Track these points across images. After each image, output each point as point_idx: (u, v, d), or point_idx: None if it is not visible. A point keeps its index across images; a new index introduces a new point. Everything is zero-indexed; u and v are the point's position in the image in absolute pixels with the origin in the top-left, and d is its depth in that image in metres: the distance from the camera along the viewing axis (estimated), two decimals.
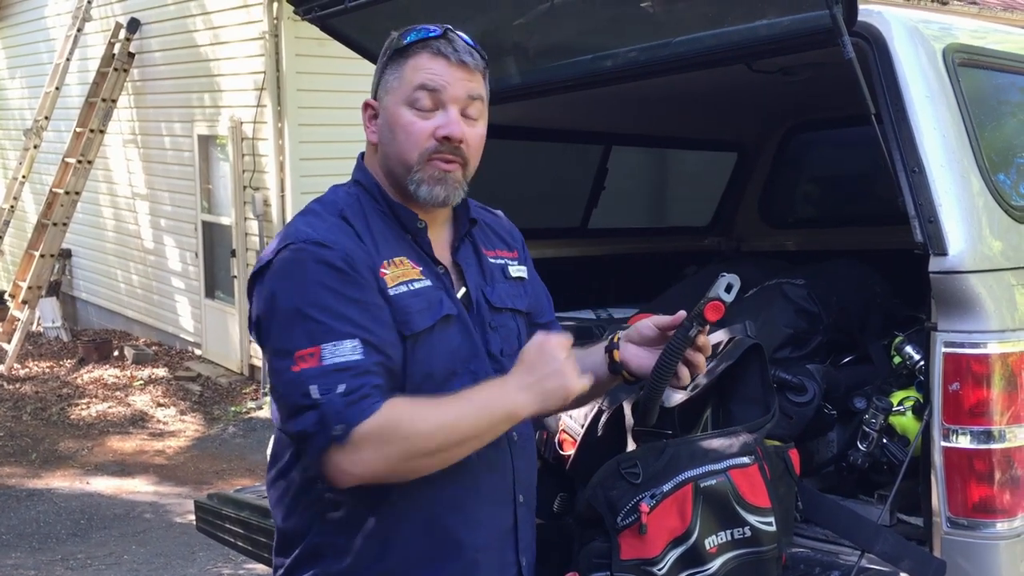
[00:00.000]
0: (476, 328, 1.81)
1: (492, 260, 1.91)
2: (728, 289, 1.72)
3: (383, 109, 1.78)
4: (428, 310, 1.73)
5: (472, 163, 1.79)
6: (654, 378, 1.82)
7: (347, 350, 1.61)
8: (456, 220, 1.89)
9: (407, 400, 1.64)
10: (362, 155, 1.88)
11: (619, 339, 1.90)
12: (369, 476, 1.62)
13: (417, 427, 1.61)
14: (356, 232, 1.73)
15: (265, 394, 8.27)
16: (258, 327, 1.71)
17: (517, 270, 1.95)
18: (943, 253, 2.06)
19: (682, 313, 1.79)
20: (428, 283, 1.76)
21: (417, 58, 1.74)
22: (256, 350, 8.67)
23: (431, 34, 1.74)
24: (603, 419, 2.30)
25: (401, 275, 1.72)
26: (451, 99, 1.74)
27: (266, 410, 7.97)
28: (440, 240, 1.85)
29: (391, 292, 1.70)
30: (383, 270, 1.71)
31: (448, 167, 1.75)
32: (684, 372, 1.81)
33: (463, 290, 1.82)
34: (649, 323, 1.86)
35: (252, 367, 8.90)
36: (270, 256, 1.72)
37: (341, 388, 1.58)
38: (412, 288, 1.73)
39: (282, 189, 8.36)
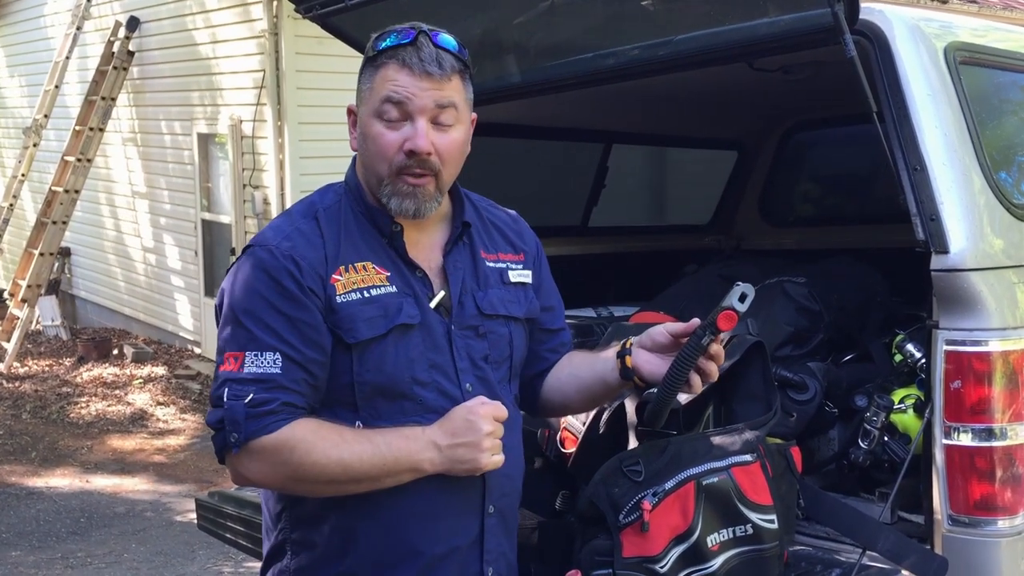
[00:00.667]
0: (456, 334, 1.79)
1: (490, 264, 1.89)
2: (742, 299, 1.72)
3: (359, 118, 1.79)
4: (382, 318, 1.72)
5: (446, 171, 1.77)
6: (665, 385, 1.80)
7: (267, 362, 1.66)
8: (453, 221, 1.88)
9: (314, 426, 1.68)
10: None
11: (631, 345, 1.87)
12: (259, 484, 1.73)
13: (313, 457, 1.65)
14: (322, 235, 1.75)
15: None
16: (216, 318, 1.79)
17: (519, 275, 1.92)
18: (945, 251, 2.06)
19: (696, 321, 1.77)
20: (392, 289, 1.75)
21: (385, 68, 1.73)
22: None
23: (402, 41, 1.72)
24: (605, 417, 2.30)
25: (358, 281, 1.73)
26: (417, 111, 1.71)
27: None
28: (429, 242, 1.84)
29: (339, 300, 1.71)
30: (336, 276, 1.72)
31: (418, 181, 1.74)
32: (696, 380, 1.79)
33: (441, 294, 1.80)
34: (662, 330, 1.84)
35: None
36: (240, 254, 1.78)
37: (248, 398, 1.64)
38: (367, 295, 1.73)
39: (282, 188, 8.36)
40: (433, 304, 1.79)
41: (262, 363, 1.66)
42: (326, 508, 1.73)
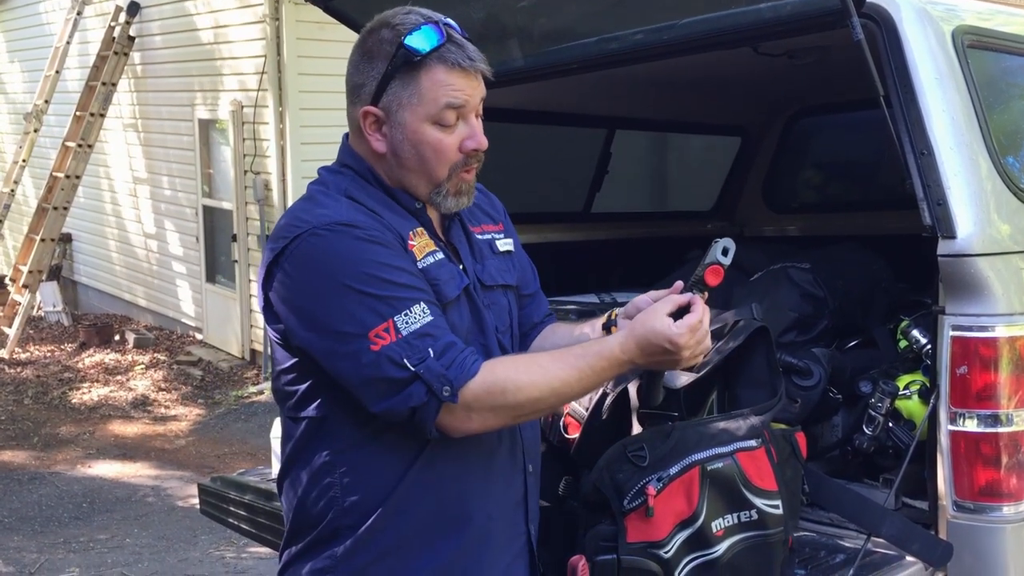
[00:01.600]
0: (480, 304, 1.81)
1: (479, 236, 1.90)
2: (725, 252, 1.71)
3: (398, 124, 1.71)
4: (452, 280, 1.74)
5: None
6: None
7: (418, 315, 1.62)
8: None
9: (508, 361, 1.71)
10: (346, 136, 1.83)
11: (616, 316, 1.88)
12: (483, 429, 1.68)
13: (526, 391, 1.64)
14: (369, 209, 1.72)
15: (266, 378, 8.28)
16: (303, 317, 1.65)
17: (504, 243, 1.94)
18: (952, 236, 2.05)
19: (679, 283, 1.77)
20: (443, 256, 1.76)
21: (432, 71, 1.67)
22: (257, 335, 8.67)
23: (439, 41, 1.67)
24: (608, 402, 2.29)
25: (425, 245, 1.73)
26: (472, 109, 1.72)
27: (267, 394, 7.98)
28: (433, 220, 1.84)
29: (420, 263, 1.71)
30: (410, 241, 1.71)
31: (471, 176, 1.77)
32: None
33: (461, 267, 1.81)
34: (646, 297, 1.82)
35: (253, 351, 8.90)
36: (285, 243, 1.66)
37: (431, 352, 1.60)
38: (436, 259, 1.73)
39: (283, 173, 8.34)
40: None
41: (414, 319, 1.60)
42: (384, 488, 1.70)
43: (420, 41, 1.67)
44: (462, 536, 1.74)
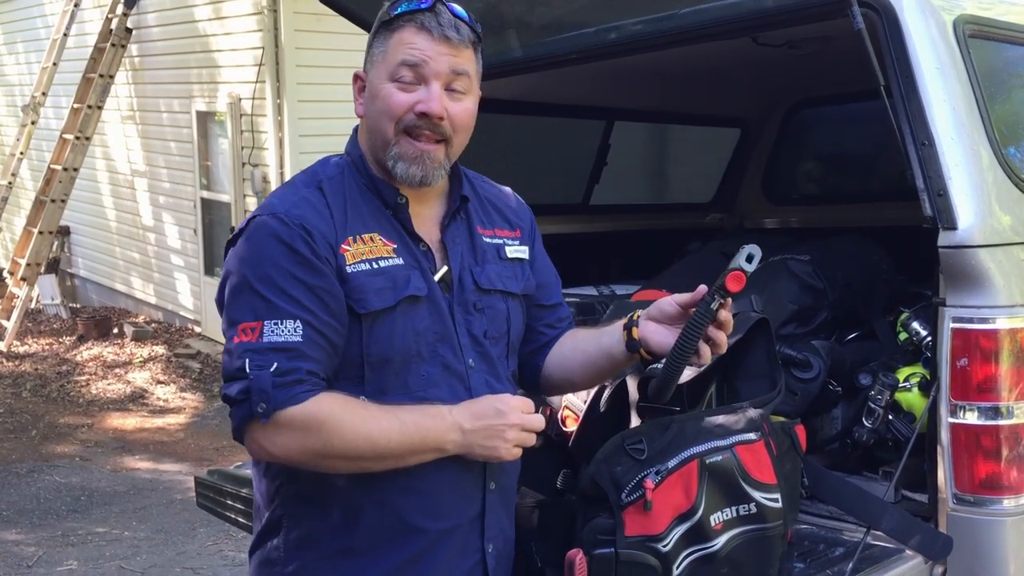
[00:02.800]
0: (456, 310, 1.78)
1: (487, 239, 1.87)
2: (749, 259, 1.69)
3: (369, 82, 1.77)
4: (391, 289, 1.70)
5: (456, 140, 1.76)
6: (674, 356, 1.78)
7: (287, 330, 1.62)
8: (450, 196, 1.86)
9: (340, 400, 1.64)
10: (357, 127, 1.86)
11: (638, 317, 1.86)
12: (282, 459, 1.66)
13: (342, 433, 1.62)
14: (328, 204, 1.72)
15: None
16: (220, 292, 1.74)
17: (516, 250, 1.91)
18: (952, 227, 2.04)
19: (703, 288, 1.75)
20: (399, 261, 1.73)
21: (402, 32, 1.71)
22: None
23: (420, 6, 1.71)
24: (606, 395, 2.28)
25: (366, 252, 1.70)
26: (432, 74, 1.71)
27: None
28: (428, 216, 1.82)
29: (349, 270, 1.68)
30: (345, 247, 1.69)
31: (425, 147, 1.73)
32: (705, 350, 1.76)
33: (444, 269, 1.79)
34: (671, 300, 1.82)
35: None
36: (243, 225, 1.73)
37: (273, 367, 1.60)
38: (376, 267, 1.70)
39: (281, 165, 8.32)
40: (437, 278, 1.77)
41: (282, 331, 1.62)
42: (326, 484, 1.71)
43: (402, 6, 1.73)
44: (408, 548, 1.72)
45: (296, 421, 1.61)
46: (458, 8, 1.75)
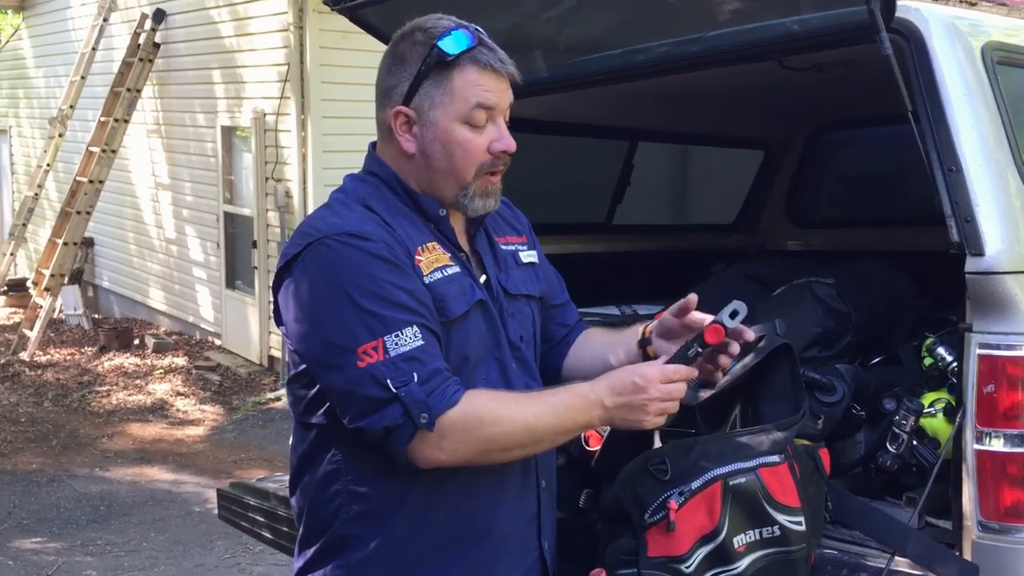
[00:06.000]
0: (498, 315, 1.82)
1: (504, 247, 1.92)
2: (733, 315, 1.74)
3: (429, 123, 1.74)
4: (463, 295, 1.74)
5: None
6: None
7: (409, 339, 1.61)
8: None
9: (488, 393, 1.68)
10: (373, 145, 1.85)
11: (651, 333, 1.91)
12: (450, 462, 1.66)
13: (502, 423, 1.64)
14: (383, 220, 1.72)
15: (283, 385, 8.29)
16: (300, 323, 1.67)
17: (527, 255, 1.96)
18: (980, 253, 2.03)
19: (693, 297, 1.82)
20: (458, 269, 1.77)
21: (465, 71, 1.71)
22: (276, 341, 8.69)
23: (471, 43, 1.71)
24: None
25: (434, 261, 1.73)
26: (501, 112, 1.76)
27: (284, 401, 7.99)
28: (458, 229, 1.85)
29: (427, 279, 1.70)
30: (418, 256, 1.72)
31: (497, 179, 1.79)
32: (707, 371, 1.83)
33: (483, 277, 1.83)
34: (667, 315, 1.87)
35: (271, 358, 8.93)
36: (297, 250, 1.68)
37: (415, 377, 1.60)
38: (446, 274, 1.74)
39: (304, 181, 8.38)
40: (483, 283, 1.82)
41: (404, 341, 1.61)
42: (392, 498, 1.70)
43: (453, 43, 1.71)
44: (476, 551, 1.74)
45: (458, 422, 1.62)
46: (486, 34, 1.77)
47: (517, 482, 1.80)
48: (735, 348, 1.81)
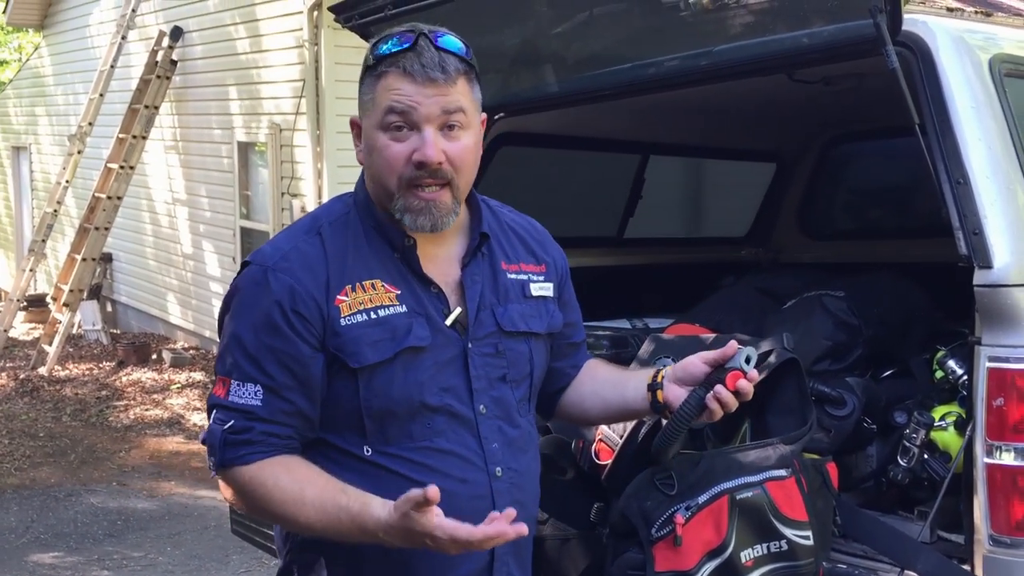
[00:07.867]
0: (472, 352, 1.70)
1: (511, 275, 1.79)
2: (748, 360, 1.68)
3: (364, 131, 1.72)
4: (389, 340, 1.64)
5: (461, 179, 1.68)
6: (672, 427, 1.77)
7: (248, 393, 1.64)
8: (471, 231, 1.78)
9: (281, 472, 1.62)
10: None
11: (663, 378, 1.78)
12: (236, 508, 1.74)
13: (271, 503, 1.62)
14: (325, 253, 1.67)
15: None
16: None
17: (540, 288, 1.82)
18: (988, 266, 2.02)
19: (734, 344, 1.70)
20: (401, 309, 1.66)
21: (386, 77, 1.65)
22: None
23: (402, 46, 1.63)
24: (643, 430, 2.28)
25: (366, 301, 1.65)
26: (423, 119, 1.63)
27: None
28: (444, 256, 1.75)
29: (343, 322, 1.63)
30: (341, 297, 1.64)
31: (430, 196, 1.65)
32: (715, 407, 1.69)
33: (458, 310, 1.71)
34: (697, 360, 1.74)
35: None
36: (240, 267, 1.74)
37: (229, 424, 1.63)
38: (375, 316, 1.64)
39: (319, 196, 8.41)
40: (449, 321, 1.69)
41: (243, 394, 1.64)
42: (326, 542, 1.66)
43: (383, 47, 1.66)
44: None
45: (237, 481, 1.64)
46: (446, 39, 1.66)
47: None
48: (748, 391, 1.68)
